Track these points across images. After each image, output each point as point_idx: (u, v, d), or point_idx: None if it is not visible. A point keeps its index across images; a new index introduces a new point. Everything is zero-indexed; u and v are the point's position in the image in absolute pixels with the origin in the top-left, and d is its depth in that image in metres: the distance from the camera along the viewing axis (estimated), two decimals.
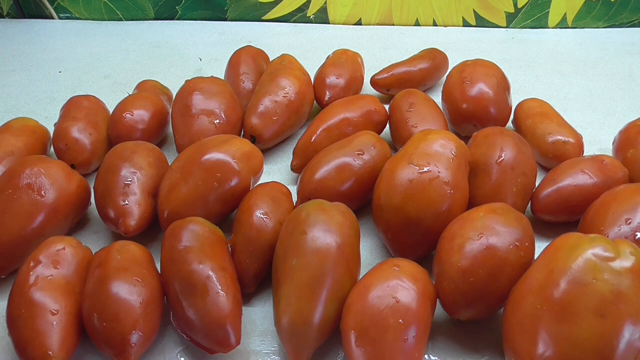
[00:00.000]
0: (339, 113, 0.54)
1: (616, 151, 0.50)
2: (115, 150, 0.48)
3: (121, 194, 0.44)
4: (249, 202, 0.43)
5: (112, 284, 0.36)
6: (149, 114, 0.55)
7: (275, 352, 0.38)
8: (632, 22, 0.83)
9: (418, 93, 0.56)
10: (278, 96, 0.55)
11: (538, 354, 0.31)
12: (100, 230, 0.49)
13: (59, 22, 0.88)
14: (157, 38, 0.83)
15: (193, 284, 0.36)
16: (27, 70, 0.75)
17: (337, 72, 0.62)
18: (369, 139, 0.48)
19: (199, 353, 0.38)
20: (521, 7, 0.82)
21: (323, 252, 0.37)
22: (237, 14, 0.87)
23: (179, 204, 0.43)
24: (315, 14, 0.86)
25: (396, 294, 0.35)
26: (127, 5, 0.87)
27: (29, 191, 0.43)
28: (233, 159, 0.44)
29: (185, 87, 0.54)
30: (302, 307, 0.35)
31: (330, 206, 0.40)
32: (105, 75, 0.73)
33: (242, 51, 0.65)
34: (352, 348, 0.34)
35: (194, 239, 0.39)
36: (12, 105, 0.67)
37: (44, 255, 0.38)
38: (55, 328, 0.35)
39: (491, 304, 0.37)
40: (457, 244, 0.37)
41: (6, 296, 0.37)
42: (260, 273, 0.41)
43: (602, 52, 0.77)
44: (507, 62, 0.72)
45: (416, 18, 0.85)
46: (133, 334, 0.35)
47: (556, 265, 0.33)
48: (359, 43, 0.80)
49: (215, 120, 0.52)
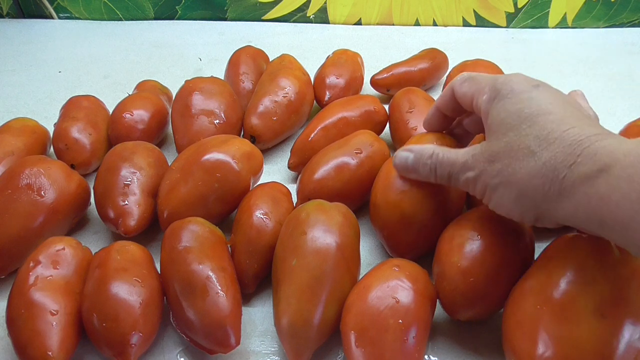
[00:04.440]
0: (337, 112, 0.54)
1: None
2: (115, 150, 0.48)
3: (121, 194, 0.44)
4: (249, 202, 0.43)
5: (112, 285, 0.36)
6: (149, 114, 0.55)
7: (275, 352, 0.38)
8: (632, 22, 0.83)
9: (418, 92, 0.56)
10: (278, 96, 0.55)
11: (538, 354, 0.31)
12: (100, 230, 0.49)
13: (58, 22, 0.88)
14: (157, 38, 0.83)
15: (193, 285, 0.36)
16: (27, 70, 0.75)
17: (337, 72, 0.62)
18: (367, 138, 0.48)
19: (199, 353, 0.38)
20: (521, 7, 0.82)
21: (323, 253, 0.37)
22: (237, 14, 0.87)
23: (178, 204, 0.43)
24: (315, 14, 0.86)
25: (396, 294, 0.35)
26: (127, 5, 0.87)
27: (28, 191, 0.43)
28: (233, 159, 0.44)
29: (185, 87, 0.54)
30: (302, 308, 0.35)
31: (330, 206, 0.40)
32: (105, 75, 0.73)
33: (242, 51, 0.65)
34: (352, 348, 0.34)
35: (194, 239, 0.39)
36: (12, 105, 0.67)
37: (43, 256, 0.38)
38: (55, 328, 0.35)
39: (491, 304, 0.37)
40: (457, 244, 0.37)
41: (6, 296, 0.37)
42: (260, 273, 0.41)
43: (602, 52, 0.77)
44: (507, 62, 0.71)
45: (416, 18, 0.85)
46: (133, 334, 0.35)
47: (556, 265, 0.33)
48: (359, 43, 0.80)
49: (215, 121, 0.52)
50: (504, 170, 0.32)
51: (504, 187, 0.33)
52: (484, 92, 0.36)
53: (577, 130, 0.30)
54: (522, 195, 0.32)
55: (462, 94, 0.38)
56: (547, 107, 0.32)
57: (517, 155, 0.32)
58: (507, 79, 0.35)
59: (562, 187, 0.30)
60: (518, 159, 0.32)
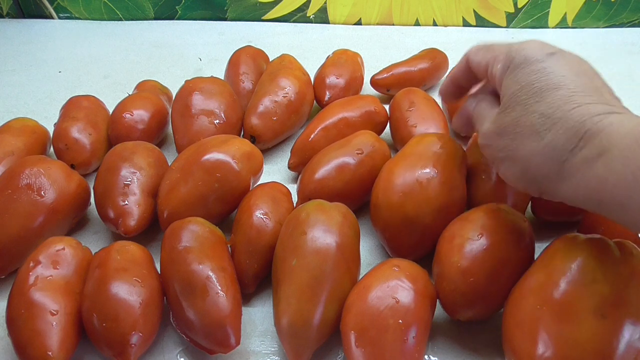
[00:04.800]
0: (337, 113, 0.54)
1: None
2: (115, 150, 0.48)
3: (121, 194, 0.44)
4: (249, 202, 0.43)
5: (112, 285, 0.36)
6: (149, 114, 0.55)
7: (275, 352, 0.38)
8: (632, 22, 0.83)
9: (418, 92, 0.56)
10: (278, 96, 0.55)
11: (538, 355, 0.31)
12: (100, 230, 0.49)
13: (58, 22, 0.88)
14: (157, 38, 0.83)
15: (193, 285, 0.36)
16: (27, 70, 0.75)
17: (337, 72, 0.62)
18: (367, 138, 0.48)
19: (199, 353, 0.38)
20: (521, 7, 0.82)
21: (323, 253, 0.37)
22: (237, 14, 0.87)
23: (178, 204, 0.43)
24: (315, 14, 0.86)
25: (396, 294, 0.35)
26: (127, 5, 0.87)
27: (28, 191, 0.43)
28: (233, 159, 0.44)
29: (185, 87, 0.54)
30: (302, 308, 0.35)
31: (330, 206, 0.40)
32: (105, 75, 0.73)
33: (242, 51, 0.65)
34: (351, 348, 0.34)
35: (194, 239, 0.39)
36: (12, 105, 0.67)
37: (43, 256, 0.38)
38: (55, 328, 0.35)
39: (491, 304, 0.37)
40: (456, 244, 0.37)
41: (6, 296, 0.37)
42: (260, 273, 0.41)
43: (602, 52, 0.77)
44: None
45: (416, 18, 0.85)
46: (133, 334, 0.35)
47: (556, 265, 0.33)
48: (359, 43, 0.80)
49: (215, 121, 0.52)
50: (509, 145, 0.33)
51: (508, 161, 0.34)
52: (499, 61, 0.35)
53: (582, 110, 0.30)
54: (525, 172, 0.33)
55: (477, 63, 0.38)
56: (559, 79, 0.32)
57: (523, 132, 0.32)
58: (522, 46, 0.35)
59: (563, 169, 0.30)
60: (523, 136, 0.32)
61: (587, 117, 0.30)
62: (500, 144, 0.34)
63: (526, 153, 0.32)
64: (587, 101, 0.31)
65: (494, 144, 0.35)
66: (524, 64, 0.33)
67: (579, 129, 0.30)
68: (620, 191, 0.27)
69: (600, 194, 0.28)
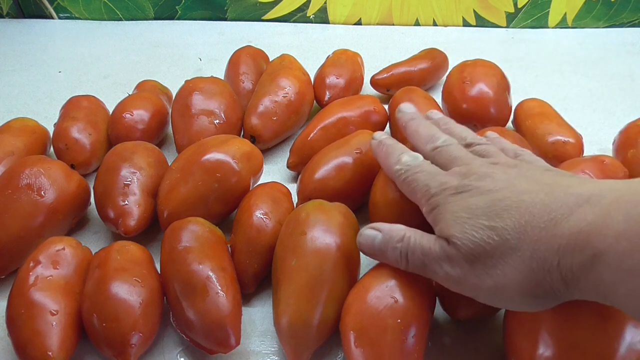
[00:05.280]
0: (337, 112, 0.54)
1: (616, 151, 0.50)
2: (115, 150, 0.48)
3: (121, 194, 0.44)
4: (249, 202, 0.43)
5: (112, 285, 0.36)
6: (149, 114, 0.55)
7: (274, 352, 0.38)
8: (632, 22, 0.83)
9: (418, 91, 0.56)
10: (278, 96, 0.55)
11: (539, 355, 0.31)
12: (100, 230, 0.49)
13: (58, 22, 0.88)
14: (157, 38, 0.83)
15: (193, 285, 0.36)
16: (26, 70, 0.75)
17: (337, 72, 0.62)
18: (367, 138, 0.48)
19: (199, 353, 0.38)
20: (521, 7, 0.82)
21: (323, 253, 0.37)
22: (237, 14, 0.87)
23: (178, 204, 0.43)
24: (315, 14, 0.86)
25: (395, 294, 0.35)
26: (127, 5, 0.87)
27: (28, 191, 0.43)
28: (233, 159, 0.44)
29: (185, 87, 0.54)
30: (302, 308, 0.35)
31: (331, 206, 0.40)
32: (105, 75, 0.73)
33: (242, 51, 0.65)
34: (351, 348, 0.34)
35: (194, 239, 0.39)
36: (12, 105, 0.67)
37: (43, 256, 0.38)
38: (55, 328, 0.35)
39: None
40: None
41: (6, 296, 0.37)
42: (260, 273, 0.41)
43: (602, 52, 0.77)
44: (507, 62, 0.71)
45: (416, 18, 0.85)
46: (133, 334, 0.35)
47: None
48: (359, 43, 0.80)
49: (215, 121, 0.52)
50: (491, 272, 0.30)
51: (501, 292, 0.30)
52: (422, 205, 0.36)
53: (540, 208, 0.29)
54: (525, 295, 0.29)
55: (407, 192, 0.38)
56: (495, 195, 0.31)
57: (498, 254, 0.29)
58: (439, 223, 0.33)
59: (564, 275, 0.27)
60: (501, 257, 0.29)
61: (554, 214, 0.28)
62: (476, 272, 0.30)
63: (514, 275, 0.29)
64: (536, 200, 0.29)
65: (469, 272, 0.31)
66: None
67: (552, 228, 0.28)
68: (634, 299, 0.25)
69: (612, 297, 0.26)
